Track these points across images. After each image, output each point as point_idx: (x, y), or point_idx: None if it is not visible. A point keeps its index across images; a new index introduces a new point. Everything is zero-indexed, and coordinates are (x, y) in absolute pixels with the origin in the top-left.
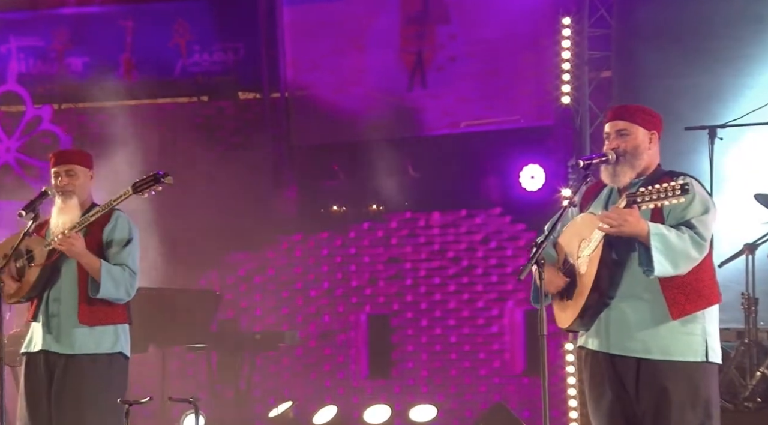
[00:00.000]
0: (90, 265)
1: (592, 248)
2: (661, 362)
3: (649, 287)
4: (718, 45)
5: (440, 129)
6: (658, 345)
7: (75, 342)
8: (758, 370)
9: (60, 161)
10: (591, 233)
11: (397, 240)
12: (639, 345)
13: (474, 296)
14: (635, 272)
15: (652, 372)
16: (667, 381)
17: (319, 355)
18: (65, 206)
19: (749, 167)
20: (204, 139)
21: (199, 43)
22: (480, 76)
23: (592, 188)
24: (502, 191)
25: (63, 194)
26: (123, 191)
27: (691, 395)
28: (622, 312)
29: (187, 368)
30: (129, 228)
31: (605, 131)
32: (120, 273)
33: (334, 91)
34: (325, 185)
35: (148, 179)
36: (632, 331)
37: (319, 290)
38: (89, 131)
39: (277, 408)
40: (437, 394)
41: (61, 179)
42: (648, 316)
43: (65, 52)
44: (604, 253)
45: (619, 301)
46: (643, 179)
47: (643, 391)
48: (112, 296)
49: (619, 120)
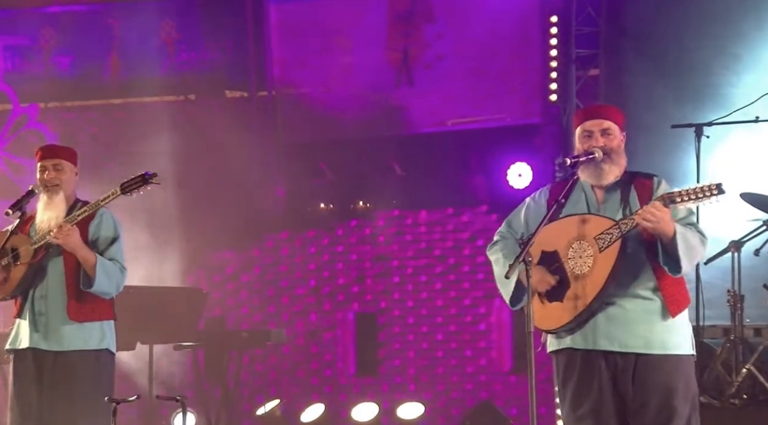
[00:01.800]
0: (85, 258)
1: (603, 248)
2: (661, 356)
3: (646, 285)
4: (705, 44)
5: (427, 127)
6: (658, 339)
7: (63, 338)
8: (744, 367)
9: (47, 155)
10: (590, 234)
11: (384, 238)
12: (640, 341)
13: (461, 294)
14: (638, 271)
15: (653, 367)
16: (670, 375)
17: (306, 353)
18: (51, 202)
19: (735, 165)
20: (191, 137)
21: (186, 42)
22: (467, 74)
23: (556, 188)
24: (489, 189)
25: (49, 189)
26: (111, 191)
27: (684, 387)
28: (621, 309)
29: (175, 366)
30: (114, 225)
31: (585, 129)
32: (112, 268)
33: (321, 89)
34: (312, 183)
35: (136, 180)
36: (632, 327)
37: (306, 288)
38: (76, 129)
39: (264, 406)
40: (424, 392)
41: (48, 172)
42: (646, 313)
43: (52, 51)
44: (621, 253)
45: (618, 298)
46: (618, 180)
47: (643, 386)
48: (104, 290)
49: (603, 119)
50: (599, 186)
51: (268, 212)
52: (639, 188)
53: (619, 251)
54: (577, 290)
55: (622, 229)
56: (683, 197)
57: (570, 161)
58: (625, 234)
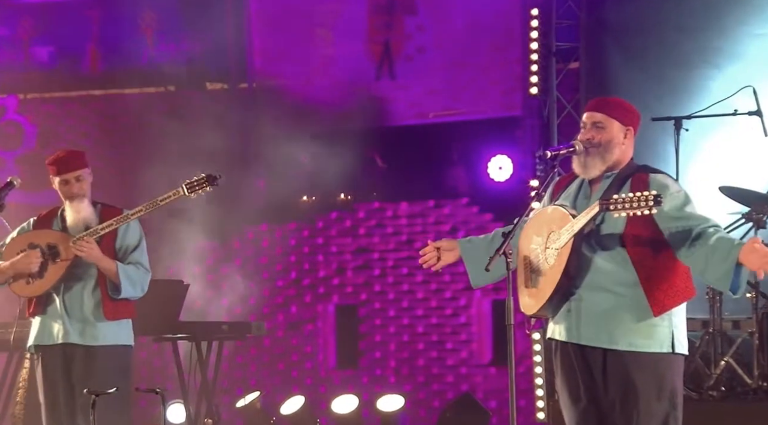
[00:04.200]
0: (107, 269)
1: (562, 242)
2: (627, 353)
3: (622, 282)
4: (686, 37)
5: (408, 120)
6: (625, 336)
7: (99, 334)
8: (723, 359)
9: (67, 168)
10: (560, 228)
11: (364, 230)
12: (605, 336)
13: (441, 286)
14: (606, 266)
15: (619, 363)
16: (633, 372)
17: (286, 345)
18: (80, 206)
19: (715, 158)
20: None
21: (166, 33)
22: (448, 66)
23: (563, 180)
24: (470, 182)
25: (73, 199)
26: (173, 191)
27: (656, 386)
28: (593, 304)
29: (154, 358)
30: (140, 230)
31: (582, 121)
32: (134, 272)
33: (302, 81)
34: (292, 175)
35: (201, 180)
36: (601, 323)
37: (286, 280)
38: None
39: (244, 398)
40: (405, 384)
41: (71, 186)
42: (619, 309)
43: (30, 42)
44: (575, 245)
45: (590, 293)
46: (615, 173)
47: (610, 382)
48: (130, 295)
49: (597, 112)
50: (591, 179)
51: (248, 204)
52: (635, 182)
53: (572, 245)
54: (547, 279)
55: (574, 226)
56: (617, 205)
57: (550, 153)
58: (578, 233)
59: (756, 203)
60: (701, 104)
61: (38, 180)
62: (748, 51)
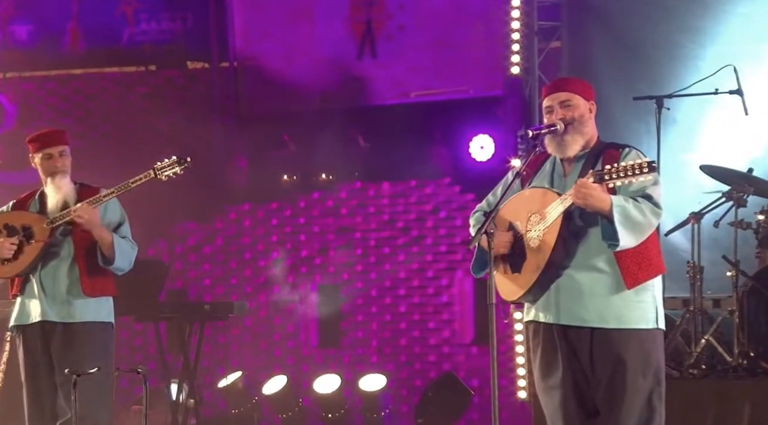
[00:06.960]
0: (103, 238)
1: (548, 222)
2: (616, 330)
3: (606, 259)
4: (669, 16)
5: (390, 99)
6: (614, 313)
7: (76, 311)
8: (703, 338)
9: (52, 142)
10: (544, 208)
11: (347, 210)
12: (594, 314)
13: (424, 265)
14: (591, 244)
15: (607, 341)
16: (622, 349)
17: (268, 325)
18: (61, 184)
19: (696, 137)
20: (152, 108)
21: (147, 12)
22: (429, 46)
23: (534, 160)
24: (452, 161)
25: (55, 174)
26: (144, 174)
27: (643, 362)
28: (576, 283)
29: (136, 338)
30: (120, 207)
31: (545, 105)
32: (126, 245)
33: (284, 60)
34: (274, 154)
35: (171, 163)
36: (587, 301)
37: (268, 260)
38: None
39: (226, 378)
40: (387, 363)
41: (55, 160)
42: (603, 286)
43: (9, 20)
44: (563, 228)
45: (573, 272)
46: (588, 151)
47: (598, 361)
48: (120, 266)
49: (561, 91)
50: (566, 158)
51: (230, 183)
52: (607, 159)
53: (560, 227)
54: (531, 264)
55: (564, 205)
56: (612, 175)
57: (532, 132)
58: (568, 210)
59: (736, 182)
60: (683, 83)
61: (18, 160)
62: (731, 30)
